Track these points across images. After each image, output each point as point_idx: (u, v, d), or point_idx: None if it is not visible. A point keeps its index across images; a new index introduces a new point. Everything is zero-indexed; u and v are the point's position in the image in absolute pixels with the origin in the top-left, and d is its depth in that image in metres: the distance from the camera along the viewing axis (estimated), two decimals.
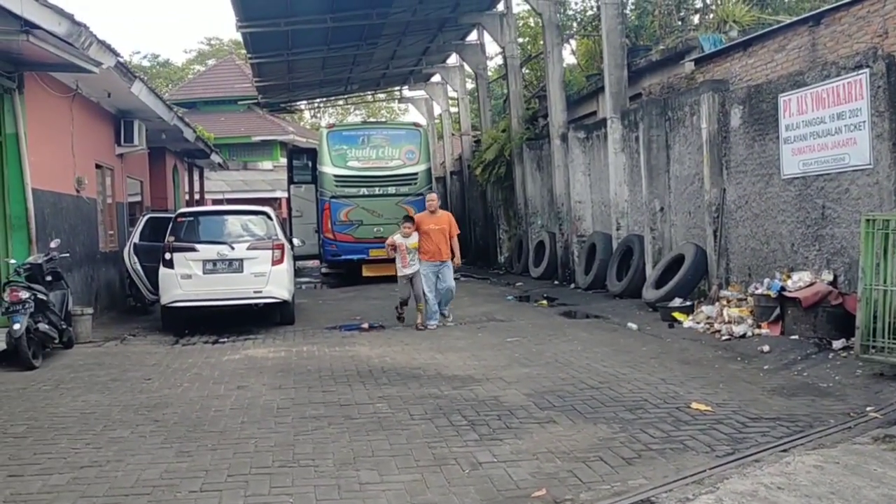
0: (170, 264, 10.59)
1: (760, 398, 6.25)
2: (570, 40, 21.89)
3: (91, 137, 12.73)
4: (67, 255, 10.23)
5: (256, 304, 10.99)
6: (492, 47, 24.60)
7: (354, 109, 47.27)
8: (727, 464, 4.65)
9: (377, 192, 18.08)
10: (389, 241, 10.91)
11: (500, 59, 24.55)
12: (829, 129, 8.36)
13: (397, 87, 33.17)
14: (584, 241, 15.19)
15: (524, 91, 21.04)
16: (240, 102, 34.63)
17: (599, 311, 11.75)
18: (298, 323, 11.51)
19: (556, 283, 16.26)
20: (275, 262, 10.81)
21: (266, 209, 11.69)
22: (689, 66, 11.88)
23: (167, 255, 10.61)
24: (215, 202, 27.56)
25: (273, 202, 33.30)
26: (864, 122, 7.88)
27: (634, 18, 16.67)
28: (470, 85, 27.68)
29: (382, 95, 38.73)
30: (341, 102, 40.27)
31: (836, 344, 7.60)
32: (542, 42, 17.99)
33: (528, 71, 23.89)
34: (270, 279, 10.75)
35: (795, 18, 9.71)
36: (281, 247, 10.98)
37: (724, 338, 8.73)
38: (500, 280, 18.21)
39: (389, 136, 18.77)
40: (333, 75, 26.32)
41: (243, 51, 26.15)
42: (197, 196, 25.56)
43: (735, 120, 10.00)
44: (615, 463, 4.75)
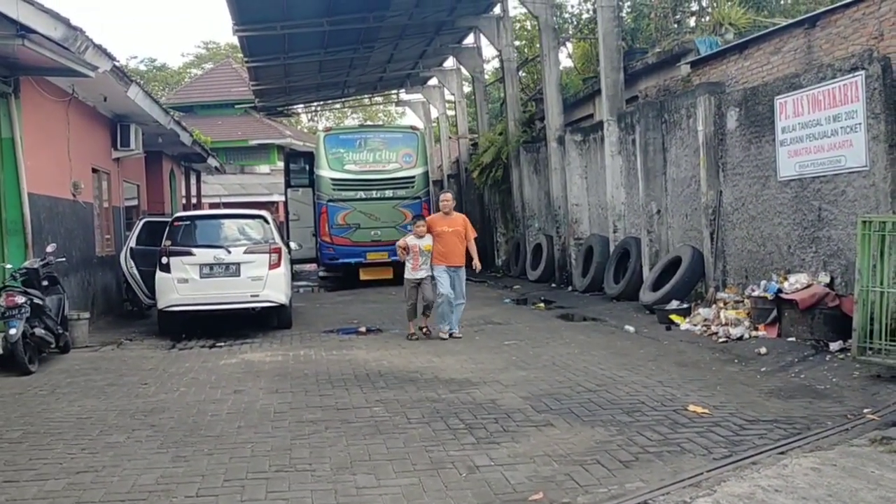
0: (166, 268, 10.57)
1: (757, 400, 6.24)
2: (567, 43, 21.91)
3: (87, 142, 12.71)
4: (63, 259, 10.22)
5: (253, 308, 10.96)
6: (489, 50, 24.68)
7: (352, 113, 47.31)
8: (724, 466, 4.65)
9: (374, 196, 18.08)
10: (401, 243, 10.12)
11: (497, 63, 24.61)
12: (825, 131, 8.37)
13: (394, 91, 33.18)
14: (581, 243, 15.20)
15: (521, 94, 21.07)
16: (237, 106, 34.64)
17: (597, 314, 11.75)
18: (296, 327, 11.50)
19: (553, 285, 16.27)
20: (272, 266, 10.80)
21: (263, 213, 11.68)
22: (685, 68, 11.89)
23: (164, 259, 10.59)
24: (212, 206, 27.54)
25: (270, 206, 33.33)
26: (860, 123, 7.90)
27: (631, 21, 16.70)
28: (467, 88, 27.72)
29: (380, 99, 38.79)
30: (338, 106, 40.30)
31: (833, 346, 7.60)
32: (538, 45, 18.01)
33: (524, 74, 23.92)
34: (267, 283, 10.73)
35: (791, 21, 9.72)
36: (278, 250, 10.96)
37: (721, 340, 8.74)
38: (497, 283, 18.20)
39: (386, 140, 18.78)
40: (330, 79, 26.33)
41: (240, 54, 26.14)
42: (194, 200, 25.54)
43: (731, 122, 10.01)
44: (612, 466, 4.74)
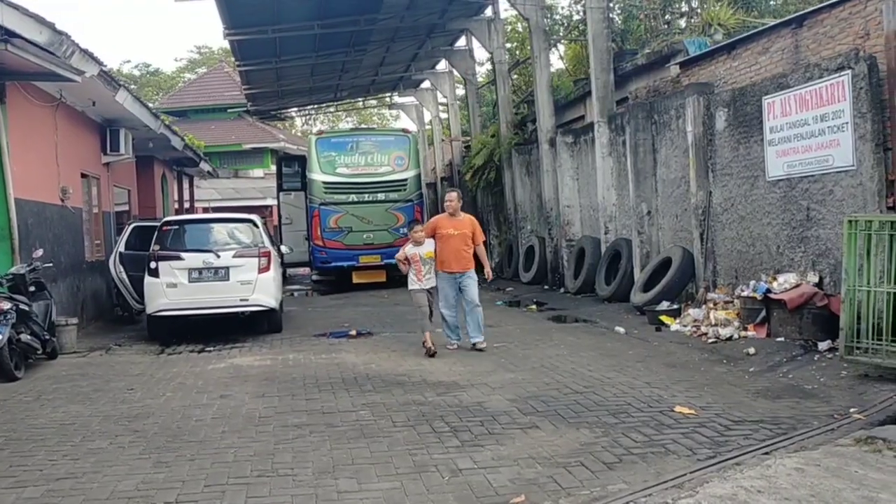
0: (155, 273, 10.52)
1: (745, 401, 6.22)
2: (559, 45, 21.92)
3: (76, 146, 12.67)
4: (51, 264, 10.17)
5: (243, 313, 10.93)
6: (481, 53, 24.65)
7: (346, 116, 47.29)
8: (708, 467, 4.62)
9: (367, 199, 18.05)
10: (400, 256, 9.11)
11: (489, 65, 24.61)
12: (812, 130, 8.37)
13: (387, 94, 33.17)
14: (573, 245, 15.18)
15: (513, 96, 21.07)
16: (230, 110, 34.57)
17: (588, 316, 11.73)
18: (286, 331, 11.46)
19: (546, 287, 16.25)
20: (261, 270, 10.76)
21: (252, 217, 11.64)
22: (674, 69, 11.88)
23: (152, 264, 10.55)
24: (204, 210, 27.46)
25: (264, 210, 33.26)
26: (847, 123, 7.90)
27: (621, 23, 16.70)
28: (460, 91, 27.71)
29: (373, 102, 38.76)
30: (332, 109, 40.30)
31: (822, 345, 7.59)
32: (529, 47, 18.02)
33: (517, 76, 23.92)
34: (257, 287, 10.69)
35: (778, 21, 9.72)
36: (267, 254, 10.93)
37: (710, 340, 8.72)
38: (490, 285, 18.05)
39: (378, 143, 18.76)
40: (323, 82, 26.30)
41: (233, 59, 26.11)
42: (187, 204, 25.48)
43: (720, 123, 10.01)
44: (596, 468, 4.72)
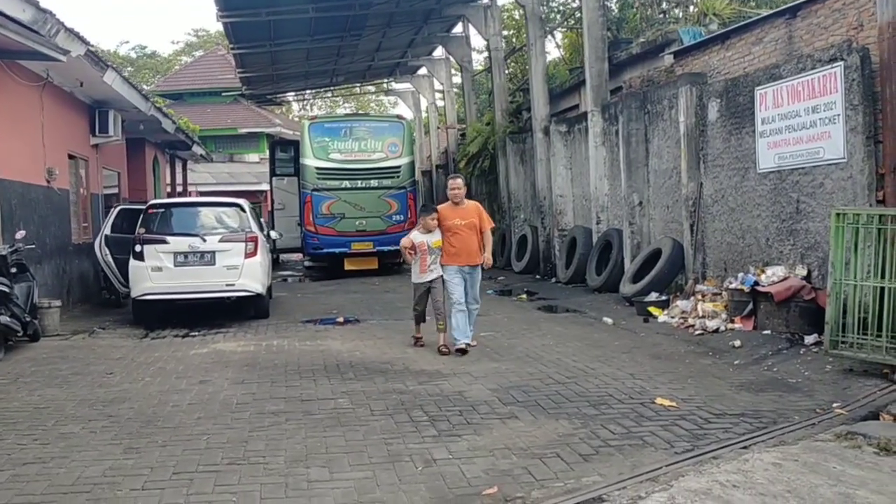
0: (140, 256, 10.42)
1: (727, 393, 6.17)
2: (556, 33, 21.76)
3: (63, 127, 12.54)
4: (34, 245, 10.06)
5: (229, 298, 10.84)
6: (478, 41, 24.52)
7: (343, 102, 47.06)
8: (685, 461, 4.57)
9: (360, 186, 17.93)
10: (406, 243, 8.39)
11: (487, 53, 24.43)
12: (804, 122, 8.28)
13: (384, 80, 32.96)
14: (565, 235, 15.10)
15: (509, 84, 20.93)
16: (224, 94, 34.34)
17: (577, 306, 11.67)
18: (273, 316, 11.38)
19: (537, 277, 16.19)
20: (248, 255, 10.66)
21: (239, 201, 11.53)
22: (668, 59, 11.77)
23: (137, 247, 10.45)
24: (200, 194, 27.30)
25: (259, 195, 33.18)
26: (839, 115, 7.81)
27: (616, 11, 16.57)
28: (456, 79, 27.54)
29: (371, 88, 38.55)
30: (329, 95, 40.05)
31: (808, 339, 7.53)
32: (525, 35, 17.87)
33: (513, 64, 23.78)
34: (243, 272, 10.60)
35: (772, 11, 9.61)
36: (254, 239, 10.83)
37: (697, 332, 8.66)
38: (483, 274, 18.03)
39: (372, 129, 18.62)
40: (318, 67, 26.11)
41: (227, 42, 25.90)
42: (179, 188, 25.35)
43: (712, 113, 9.91)
44: (571, 459, 4.65)
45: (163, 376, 7.30)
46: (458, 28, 23.14)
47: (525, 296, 13.40)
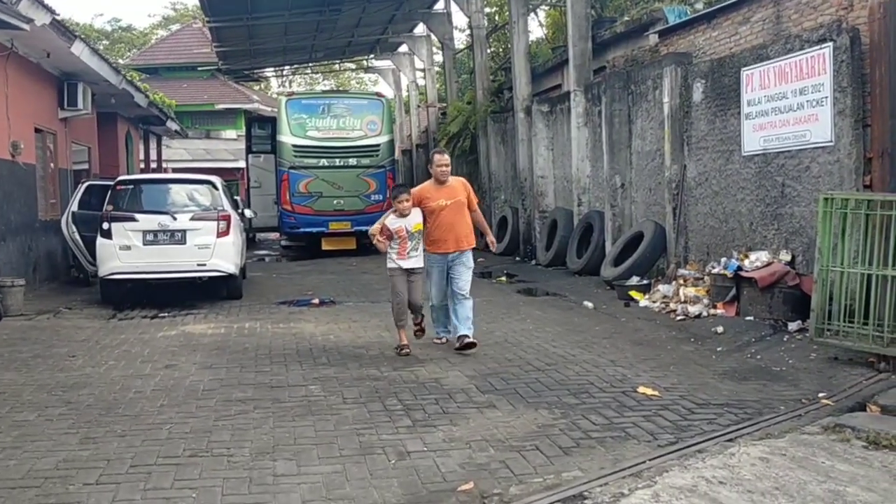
0: (108, 234, 10.08)
1: (710, 382, 6.01)
2: (539, 11, 21.45)
3: (29, 100, 12.09)
4: None
5: (200, 278, 10.54)
6: (460, 18, 24.09)
7: (324, 79, 46.37)
8: (669, 454, 4.38)
9: (337, 164, 17.61)
10: (376, 230, 7.06)
11: (469, 32, 24.05)
12: (790, 104, 8.09)
13: (364, 57, 32.46)
14: (546, 216, 14.91)
15: (491, 63, 20.60)
16: (200, 69, 33.63)
17: (557, 289, 11.49)
18: (247, 297, 11.09)
19: (518, 259, 16.01)
20: (220, 234, 10.34)
21: (212, 178, 11.18)
22: (653, 38, 11.54)
23: (105, 225, 10.10)
24: (175, 171, 26.75)
25: (236, 172, 32.64)
26: (827, 97, 7.62)
27: None
28: (438, 57, 27.13)
29: (351, 65, 37.97)
30: (308, 72, 39.43)
31: (792, 326, 7.40)
32: (508, 12, 17.54)
33: (496, 43, 23.43)
34: (215, 252, 10.29)
35: None
36: (227, 218, 10.50)
37: (679, 318, 8.50)
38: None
39: (351, 106, 18.27)
40: (297, 42, 25.56)
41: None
42: (154, 164, 24.81)
43: (697, 94, 9.70)
44: (551, 453, 4.46)
45: (127, 360, 7.02)
46: (440, 5, 22.74)
47: (505, 278, 13.21)
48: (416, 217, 7.08)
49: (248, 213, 14.35)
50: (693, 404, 5.39)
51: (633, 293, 9.78)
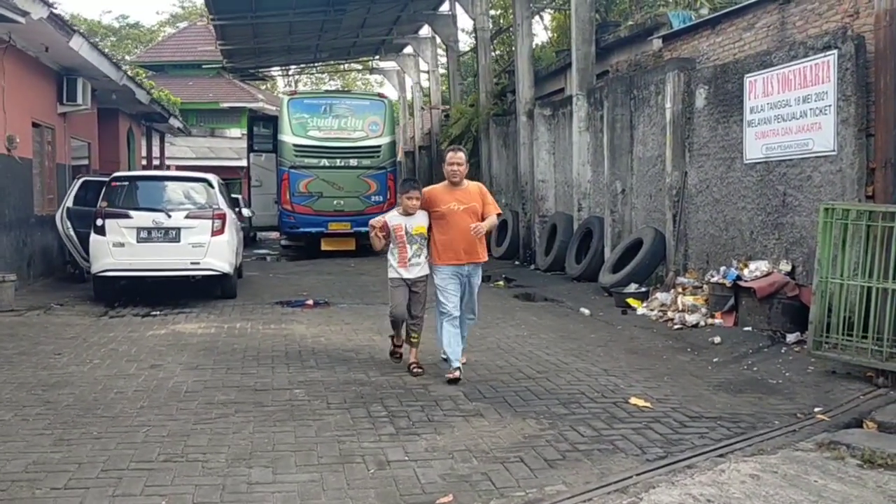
0: (101, 231, 9.97)
1: (705, 394, 5.87)
2: (545, 14, 21.33)
3: (27, 94, 11.99)
4: None
5: (194, 277, 10.42)
6: (465, 21, 24.02)
7: (330, 79, 46.30)
8: (657, 469, 4.26)
9: (338, 164, 17.49)
10: (377, 223, 6.38)
11: (473, 33, 23.93)
12: (794, 112, 7.96)
13: (369, 58, 32.38)
14: (546, 221, 14.77)
15: (494, 65, 20.49)
16: (205, 67, 33.56)
17: (555, 295, 11.35)
18: (241, 297, 10.98)
19: (517, 263, 15.88)
20: (215, 233, 10.23)
21: (208, 176, 11.06)
22: (656, 43, 11.41)
23: (98, 221, 9.99)
24: (169, 168, 26.67)
25: (239, 170, 32.51)
26: (830, 105, 7.49)
27: None
28: (442, 59, 27.05)
29: (356, 66, 37.88)
30: (314, 71, 39.35)
31: (791, 337, 7.26)
32: (512, 14, 17.43)
33: (500, 45, 23.31)
34: (209, 250, 10.17)
35: None
36: (222, 216, 10.39)
37: (676, 327, 8.36)
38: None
39: (353, 107, 18.15)
40: (301, 42, 25.53)
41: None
42: (156, 161, 24.75)
43: (700, 100, 9.57)
44: (536, 465, 4.33)
45: (113, 359, 6.90)
46: (444, 6, 22.68)
47: (503, 282, 13.08)
48: (421, 219, 6.35)
49: (245, 211, 14.25)
50: (685, 417, 5.25)
51: (630, 301, 9.64)
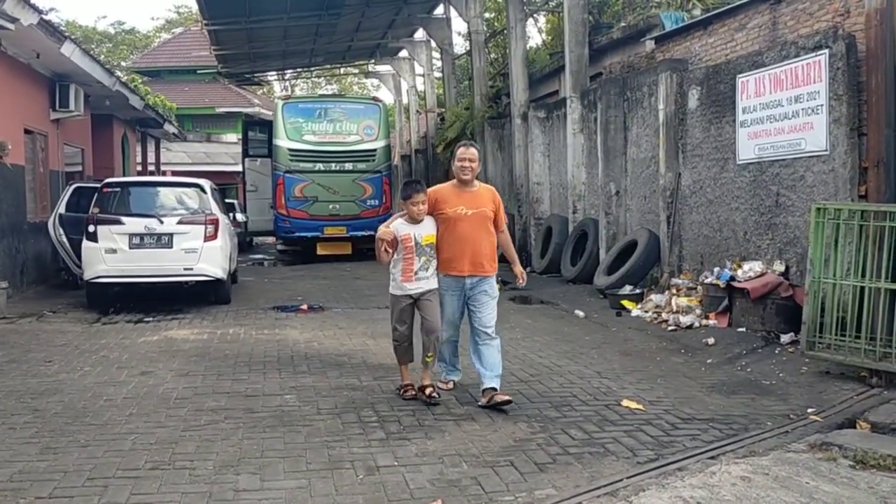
0: (93, 237, 9.93)
1: (698, 395, 5.85)
2: (539, 17, 21.33)
3: (19, 101, 11.96)
4: None
5: (187, 282, 10.39)
6: (459, 24, 23.98)
7: (326, 84, 46.28)
8: (647, 472, 4.23)
9: (333, 168, 17.49)
10: (384, 233, 5.57)
11: (468, 36, 23.92)
12: (786, 112, 7.94)
13: (364, 62, 32.35)
14: (541, 223, 14.75)
15: (489, 68, 20.47)
16: (199, 72, 33.55)
17: (550, 297, 11.32)
18: (235, 302, 10.94)
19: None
20: (208, 238, 10.19)
21: (200, 181, 11.02)
22: (649, 44, 11.39)
23: (91, 228, 9.96)
24: (164, 174, 26.63)
25: (235, 175, 32.45)
26: (822, 105, 7.47)
27: None
28: (438, 62, 27.03)
29: (353, 70, 37.87)
30: (310, 76, 39.35)
31: (784, 338, 7.23)
32: (506, 17, 17.42)
33: (494, 48, 23.30)
34: (202, 256, 10.14)
35: None
36: (215, 221, 10.35)
37: (670, 328, 8.34)
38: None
39: (347, 111, 18.15)
40: (296, 46, 25.47)
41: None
42: (151, 167, 24.71)
43: (692, 101, 9.56)
44: (526, 469, 4.30)
45: (104, 366, 6.87)
46: (439, 10, 22.63)
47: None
48: (430, 226, 5.65)
49: (240, 216, 14.22)
50: (677, 419, 5.22)
51: (625, 302, 9.62)
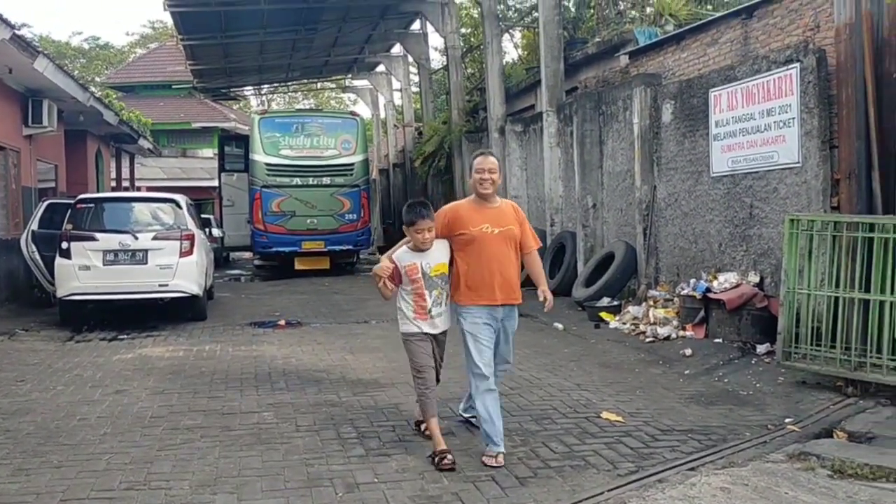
0: (67, 254, 9.80)
1: (676, 406, 5.87)
2: (515, 32, 21.50)
3: None
4: None
5: (162, 299, 10.27)
6: (436, 39, 24.12)
7: (303, 99, 46.22)
8: (628, 484, 4.23)
9: (311, 183, 17.43)
10: (385, 269, 4.76)
11: (445, 51, 24.06)
12: (758, 125, 8.05)
13: (341, 77, 32.39)
14: None
15: (466, 83, 20.59)
16: (175, 87, 33.35)
17: (529, 310, 11.21)
18: (212, 319, 10.84)
19: None
20: (183, 254, 10.10)
21: (175, 196, 10.94)
22: (623, 59, 11.53)
23: (64, 244, 9.83)
24: (139, 190, 26.39)
25: (212, 190, 32.24)
26: (794, 118, 7.59)
27: (573, 10, 16.32)
28: (415, 77, 27.14)
29: (330, 85, 37.88)
30: (287, 91, 39.30)
31: (760, 348, 7.29)
32: (482, 33, 17.55)
33: (471, 63, 23.44)
34: (178, 272, 10.03)
35: (728, 11, 9.39)
36: (190, 237, 10.26)
37: (648, 340, 8.38)
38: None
39: (324, 125, 18.12)
40: (273, 61, 25.51)
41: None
42: (126, 183, 24.47)
43: (666, 115, 9.66)
44: (507, 483, 4.28)
45: (77, 385, 6.75)
46: (416, 25, 22.76)
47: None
48: (440, 254, 4.82)
49: (216, 232, 14.11)
50: (657, 430, 5.24)
51: (603, 314, 9.66)
